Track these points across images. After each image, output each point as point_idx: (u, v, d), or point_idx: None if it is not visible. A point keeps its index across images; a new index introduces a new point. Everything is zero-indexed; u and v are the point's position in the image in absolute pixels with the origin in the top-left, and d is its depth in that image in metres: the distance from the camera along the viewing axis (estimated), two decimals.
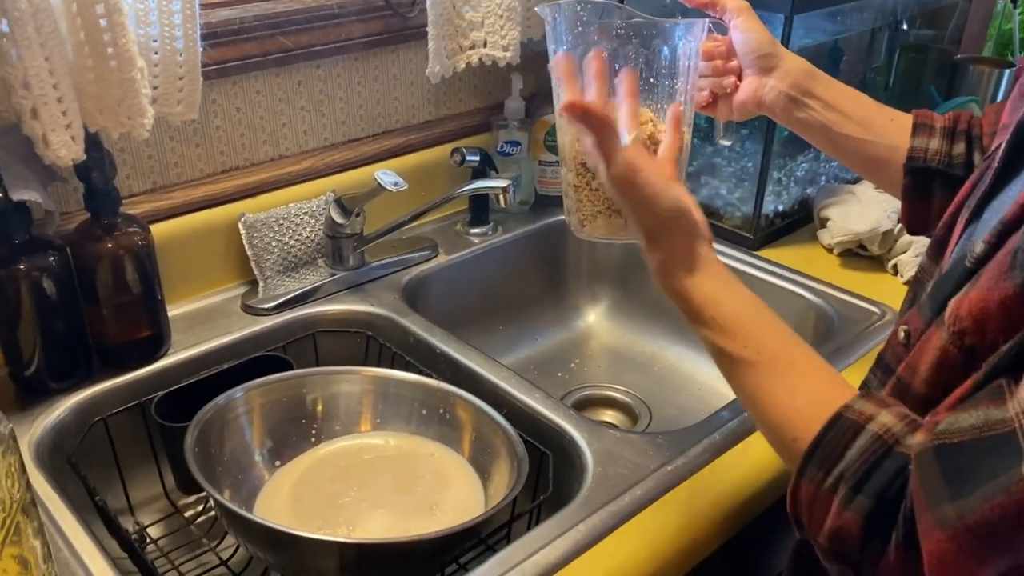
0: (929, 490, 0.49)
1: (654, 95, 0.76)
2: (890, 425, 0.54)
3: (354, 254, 1.11)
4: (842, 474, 0.54)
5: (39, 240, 0.86)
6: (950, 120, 0.80)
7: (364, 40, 1.13)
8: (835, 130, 0.81)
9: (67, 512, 0.74)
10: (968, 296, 0.54)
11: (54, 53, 0.78)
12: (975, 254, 0.55)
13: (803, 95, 0.81)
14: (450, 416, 0.89)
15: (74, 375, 0.91)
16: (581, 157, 0.76)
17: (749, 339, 0.62)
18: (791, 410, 0.59)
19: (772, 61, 0.81)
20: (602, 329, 1.32)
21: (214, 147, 1.06)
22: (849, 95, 0.82)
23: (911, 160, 0.79)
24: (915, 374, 0.59)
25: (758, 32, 0.81)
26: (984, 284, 0.52)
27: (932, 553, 0.49)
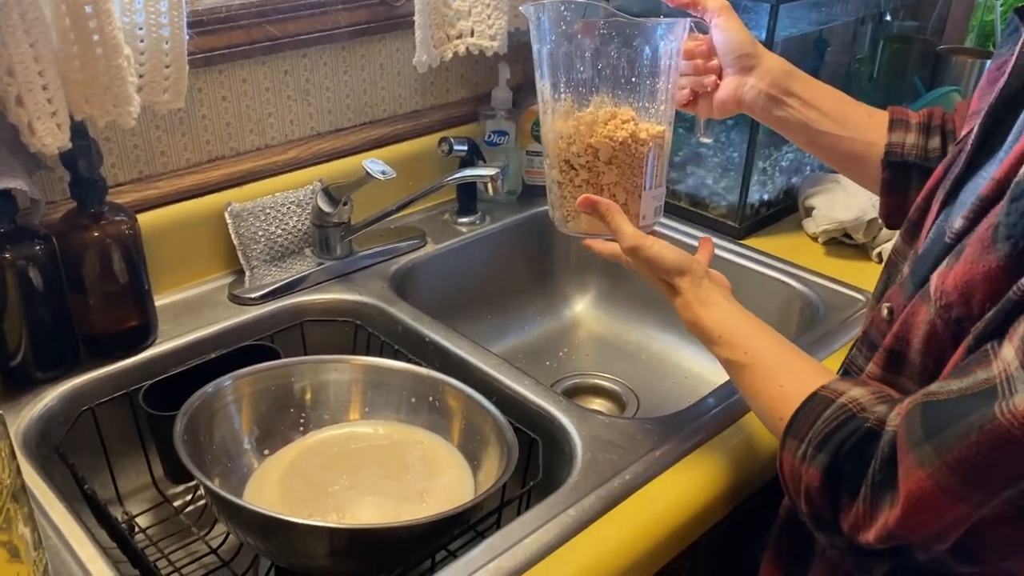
0: (911, 434, 0.53)
1: (636, 94, 0.79)
2: (857, 397, 0.60)
3: (341, 243, 1.11)
4: (811, 440, 0.60)
5: (25, 229, 0.85)
6: (925, 116, 0.83)
7: (351, 29, 1.13)
8: (814, 127, 0.83)
9: (56, 501, 0.74)
10: (953, 270, 0.56)
11: (39, 40, 0.78)
12: (954, 230, 0.59)
13: (782, 93, 0.83)
14: (439, 404, 0.89)
15: (61, 365, 0.90)
16: (565, 155, 0.79)
17: (746, 346, 0.71)
18: (779, 397, 0.66)
19: (752, 60, 0.83)
20: (590, 318, 1.32)
21: (200, 136, 1.06)
22: (827, 93, 0.84)
23: (889, 155, 0.82)
24: (908, 346, 0.62)
25: (738, 32, 0.82)
26: (968, 258, 0.55)
27: (912, 492, 0.53)
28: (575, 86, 0.79)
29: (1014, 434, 0.48)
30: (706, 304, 0.74)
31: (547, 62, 0.79)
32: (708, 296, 0.74)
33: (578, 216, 0.81)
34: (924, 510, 0.52)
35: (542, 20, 0.78)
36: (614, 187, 0.79)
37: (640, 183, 0.79)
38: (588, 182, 0.79)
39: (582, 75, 0.78)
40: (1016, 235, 0.51)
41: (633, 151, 0.78)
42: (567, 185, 0.80)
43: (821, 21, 1.31)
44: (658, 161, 0.80)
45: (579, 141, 0.78)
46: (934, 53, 1.51)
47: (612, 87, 0.79)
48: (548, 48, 0.78)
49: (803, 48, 1.38)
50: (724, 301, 0.74)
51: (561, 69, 0.79)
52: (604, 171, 0.78)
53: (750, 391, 0.71)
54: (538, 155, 1.31)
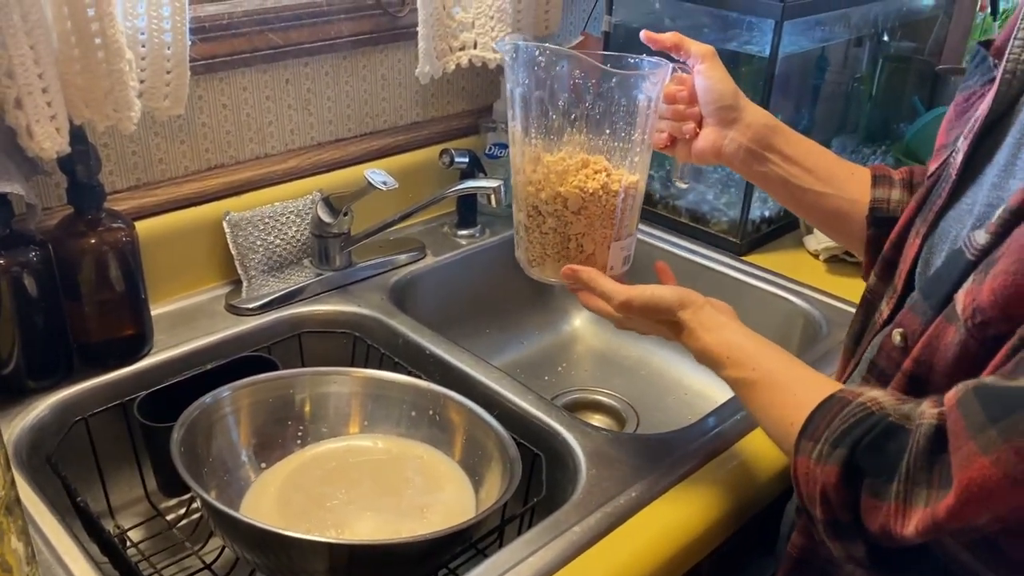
0: (971, 421, 0.51)
1: (611, 141, 0.76)
2: (876, 396, 0.58)
3: (341, 254, 1.10)
4: (827, 438, 0.58)
5: (20, 235, 0.84)
6: (906, 173, 0.82)
7: (353, 39, 1.12)
8: (795, 184, 0.81)
9: (47, 513, 0.72)
10: (986, 286, 0.54)
11: (40, 42, 0.76)
12: (979, 245, 0.57)
13: (764, 149, 0.81)
14: (440, 418, 0.87)
15: (54, 374, 0.88)
16: (534, 200, 0.77)
17: (756, 364, 0.69)
18: (792, 406, 0.64)
19: (733, 113, 0.80)
20: (588, 333, 1.31)
21: (199, 144, 1.05)
22: (810, 149, 0.82)
23: (874, 211, 0.80)
24: (932, 369, 0.60)
25: (721, 82, 0.79)
26: (1009, 269, 0.53)
27: (973, 481, 0.50)
28: (546, 132, 0.76)
29: None
30: (710, 329, 0.72)
31: (519, 104, 0.76)
32: (710, 320, 0.73)
33: (543, 262, 0.79)
34: (985, 498, 0.49)
35: (516, 61, 0.75)
36: (582, 237, 0.76)
37: (610, 234, 0.77)
38: (556, 230, 0.77)
39: (554, 122, 0.75)
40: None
41: (604, 202, 0.75)
42: (534, 231, 0.78)
43: (822, 39, 1.31)
44: (630, 211, 0.78)
45: (548, 188, 0.75)
46: (933, 73, 1.52)
47: (586, 132, 0.76)
48: (520, 91, 0.76)
49: (805, 66, 1.39)
50: (728, 323, 0.73)
51: (533, 113, 0.75)
52: (572, 221, 0.76)
53: (760, 406, 0.69)
54: None
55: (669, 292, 0.74)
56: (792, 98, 1.37)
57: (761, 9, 1.11)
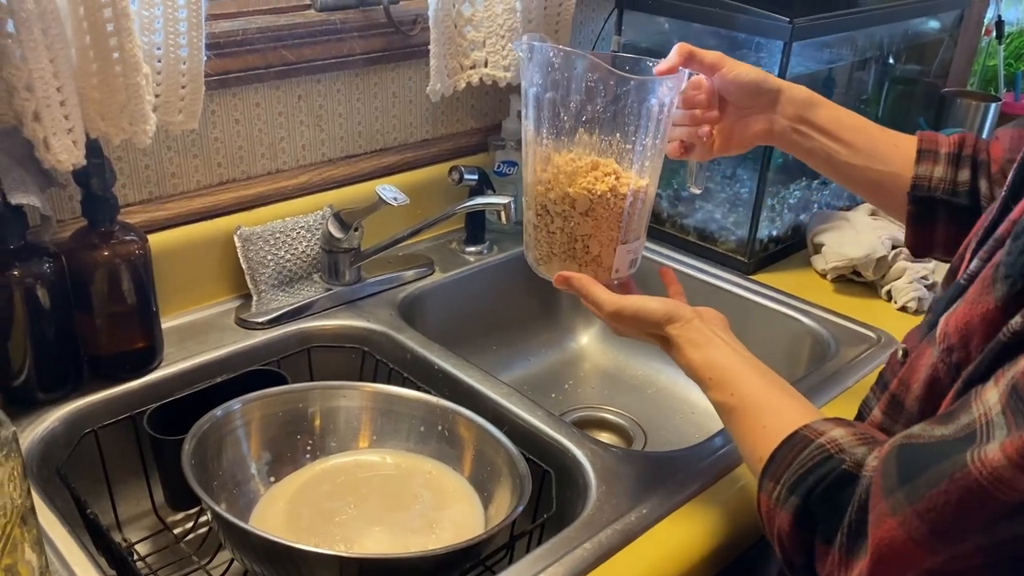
0: (886, 479, 0.51)
1: (622, 144, 0.76)
2: (837, 437, 0.58)
3: (350, 269, 1.10)
4: (785, 481, 0.58)
5: (34, 246, 0.84)
6: (955, 145, 0.80)
7: (365, 56, 1.13)
8: (838, 159, 0.81)
9: (58, 525, 0.72)
10: (955, 312, 0.55)
11: (59, 56, 0.77)
12: (969, 271, 0.57)
13: (806, 125, 0.81)
14: (450, 434, 0.87)
15: (64, 386, 0.88)
16: (543, 199, 0.77)
17: (734, 388, 0.68)
18: (761, 438, 0.64)
19: (773, 95, 0.81)
20: (595, 351, 1.31)
21: (212, 159, 1.05)
22: (852, 122, 0.82)
23: (915, 188, 0.80)
24: (908, 391, 0.60)
25: (751, 72, 0.80)
26: (969, 299, 0.54)
27: (883, 541, 0.50)
28: (557, 132, 0.76)
29: (983, 485, 0.45)
30: (698, 345, 0.71)
31: (532, 104, 0.77)
32: (698, 336, 0.71)
33: (550, 261, 0.79)
34: (894, 560, 0.49)
35: (531, 61, 0.76)
36: (589, 238, 0.77)
37: (616, 236, 0.77)
38: (563, 230, 0.77)
39: (566, 123, 0.76)
40: (1015, 274, 0.50)
41: (612, 204, 0.75)
42: (542, 229, 0.78)
43: (830, 61, 1.32)
44: (638, 215, 0.78)
45: (557, 188, 0.76)
46: (939, 95, 1.53)
47: (598, 135, 0.76)
48: (534, 91, 0.76)
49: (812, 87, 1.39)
50: (716, 339, 0.71)
51: (545, 114, 0.76)
52: (580, 222, 0.76)
53: (736, 433, 0.68)
54: None
55: (657, 305, 0.73)
56: None
57: (770, 30, 1.12)
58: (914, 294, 1.14)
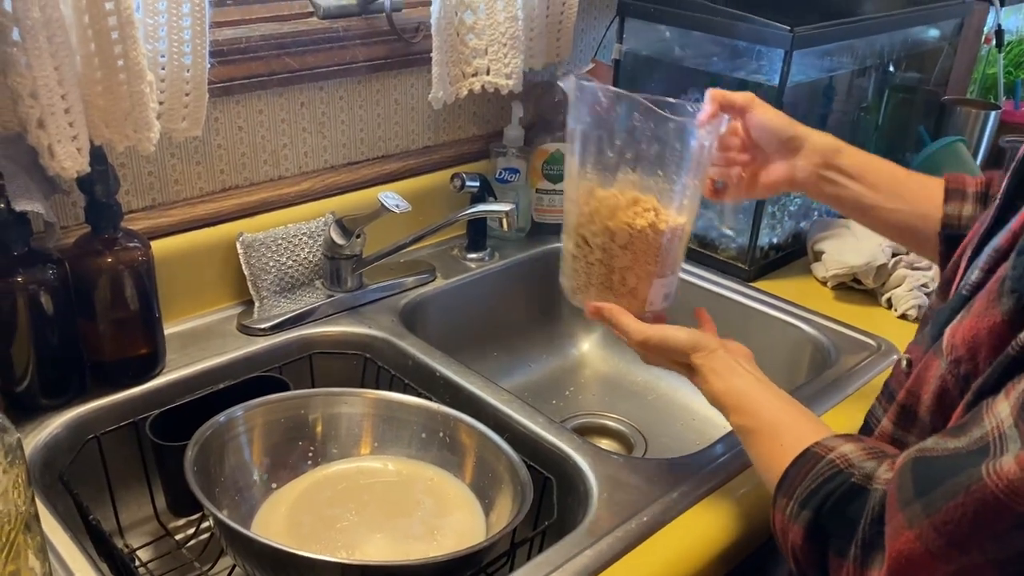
0: (902, 492, 0.52)
1: (663, 182, 0.79)
2: (846, 452, 0.60)
3: (352, 276, 1.10)
4: (797, 496, 0.60)
5: (38, 253, 0.85)
6: (982, 185, 0.81)
7: (368, 64, 1.14)
8: (866, 202, 0.83)
9: (60, 531, 0.72)
10: (962, 324, 0.56)
11: (64, 63, 0.78)
12: (971, 282, 0.59)
13: (832, 171, 0.83)
14: (451, 440, 0.88)
15: (67, 392, 0.89)
16: (583, 230, 0.80)
17: (754, 412, 0.71)
18: (778, 456, 0.66)
19: (796, 142, 0.83)
20: (596, 357, 1.32)
21: (215, 165, 1.06)
22: (878, 166, 0.84)
23: (945, 228, 0.80)
24: (919, 402, 0.61)
25: (777, 118, 0.83)
26: (976, 311, 0.55)
27: (900, 553, 0.51)
28: (601, 168, 0.79)
29: (999, 497, 0.46)
30: (721, 374, 0.74)
31: (579, 140, 0.80)
32: (723, 365, 0.74)
33: (587, 291, 0.82)
34: (911, 571, 0.51)
35: (579, 100, 0.79)
36: (626, 271, 0.79)
37: (653, 270, 0.79)
38: (601, 261, 0.79)
39: (610, 160, 0.79)
40: (1021, 289, 0.51)
41: (650, 239, 0.78)
42: (580, 260, 0.81)
43: (830, 69, 1.33)
44: (675, 251, 0.80)
45: (598, 221, 0.78)
46: (939, 103, 1.54)
47: (639, 172, 0.79)
48: (581, 128, 0.79)
49: (812, 95, 1.40)
50: (739, 368, 0.74)
51: (590, 150, 0.79)
52: (619, 254, 0.78)
53: (755, 455, 0.71)
54: (548, 193, 1.31)
55: (684, 335, 0.76)
56: None
57: (771, 39, 1.13)
58: (914, 302, 1.14)
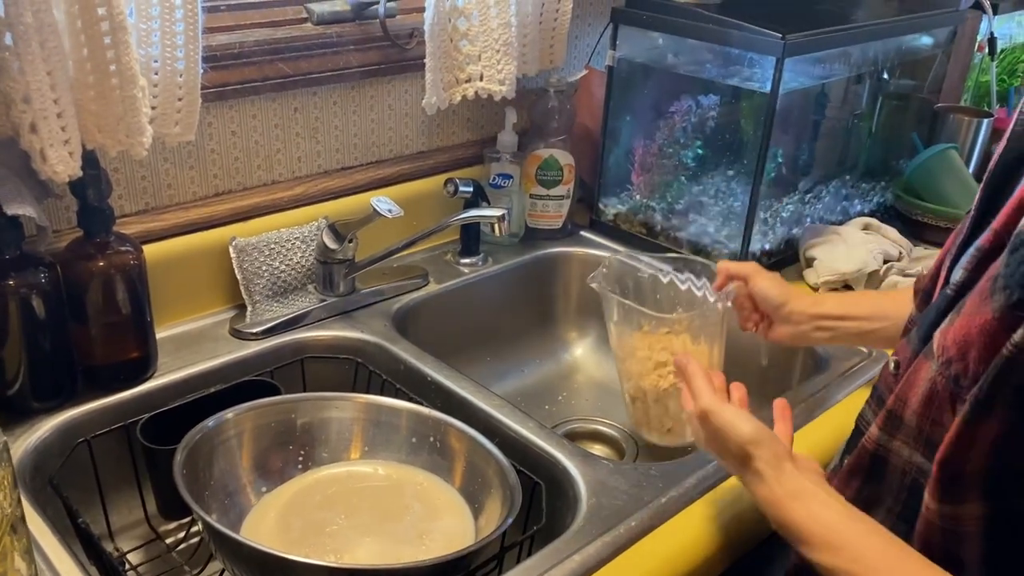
0: None
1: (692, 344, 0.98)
2: None
3: (345, 280, 1.11)
4: None
5: (30, 256, 0.85)
6: None
7: (362, 69, 1.14)
8: (862, 330, 0.92)
9: (49, 534, 0.73)
10: (953, 325, 0.56)
11: (56, 68, 0.78)
12: (955, 282, 0.59)
13: (822, 321, 0.93)
14: (441, 445, 0.88)
15: (58, 395, 0.89)
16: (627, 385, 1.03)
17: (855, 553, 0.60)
18: None
19: (786, 308, 0.94)
20: (589, 363, 1.32)
21: (208, 170, 1.06)
22: (855, 299, 1.00)
23: None
24: (906, 406, 0.61)
25: (770, 288, 0.95)
26: (967, 311, 0.55)
27: None
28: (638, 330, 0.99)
29: None
30: (796, 495, 0.64)
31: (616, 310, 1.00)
32: (793, 483, 0.65)
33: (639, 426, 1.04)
34: None
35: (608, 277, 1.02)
36: (663, 416, 0.99)
37: (683, 416, 0.94)
38: (642, 410, 1.01)
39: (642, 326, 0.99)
40: (1012, 285, 0.51)
41: (675, 395, 0.95)
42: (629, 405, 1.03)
43: (823, 76, 1.33)
44: None
45: (635, 379, 1.00)
46: (932, 111, 1.54)
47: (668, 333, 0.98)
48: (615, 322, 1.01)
49: (805, 102, 1.41)
50: (817, 491, 0.65)
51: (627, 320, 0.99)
52: (652, 405, 0.99)
53: None
54: (541, 199, 1.31)
55: (749, 427, 0.68)
56: (792, 133, 1.39)
57: (763, 46, 1.13)
58: None
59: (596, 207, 1.38)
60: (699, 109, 1.28)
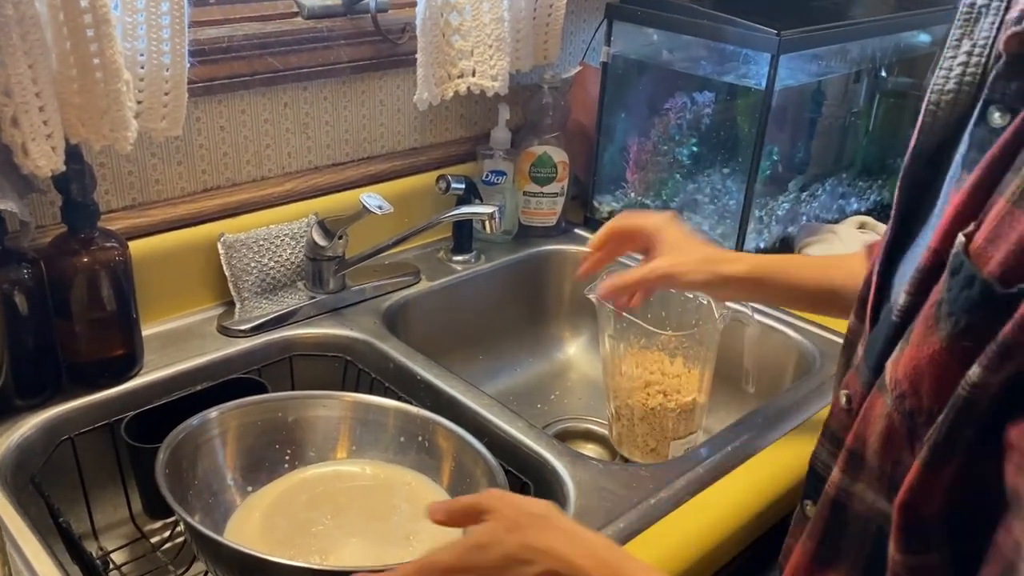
0: None
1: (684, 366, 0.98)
2: None
3: (335, 277, 1.10)
4: None
5: (13, 252, 0.84)
6: None
7: (352, 64, 1.13)
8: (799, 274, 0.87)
9: (29, 534, 0.71)
10: (903, 354, 0.52)
11: (38, 61, 0.77)
12: (900, 306, 0.54)
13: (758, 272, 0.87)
14: (429, 444, 0.87)
15: (42, 392, 0.88)
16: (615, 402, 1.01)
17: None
18: None
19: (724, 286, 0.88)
20: (582, 361, 1.31)
21: (196, 165, 1.05)
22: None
23: None
24: (866, 445, 0.56)
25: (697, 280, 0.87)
26: (915, 340, 0.51)
27: None
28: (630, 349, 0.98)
29: None
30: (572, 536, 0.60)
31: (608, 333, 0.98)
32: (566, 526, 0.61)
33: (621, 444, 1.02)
34: None
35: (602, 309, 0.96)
36: (647, 435, 0.98)
37: (668, 436, 0.98)
38: (627, 427, 1.00)
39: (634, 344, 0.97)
40: (957, 312, 0.47)
41: (661, 415, 0.96)
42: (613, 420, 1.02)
43: (819, 73, 1.32)
44: (685, 422, 0.98)
45: (622, 397, 0.99)
46: None
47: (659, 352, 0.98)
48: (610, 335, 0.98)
49: (801, 99, 1.40)
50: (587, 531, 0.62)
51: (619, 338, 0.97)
52: (638, 423, 0.98)
53: None
54: (535, 196, 1.30)
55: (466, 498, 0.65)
56: (788, 131, 1.38)
57: (758, 43, 1.12)
58: None
59: (590, 204, 1.37)
60: (694, 106, 1.27)
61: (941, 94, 0.56)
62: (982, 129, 0.52)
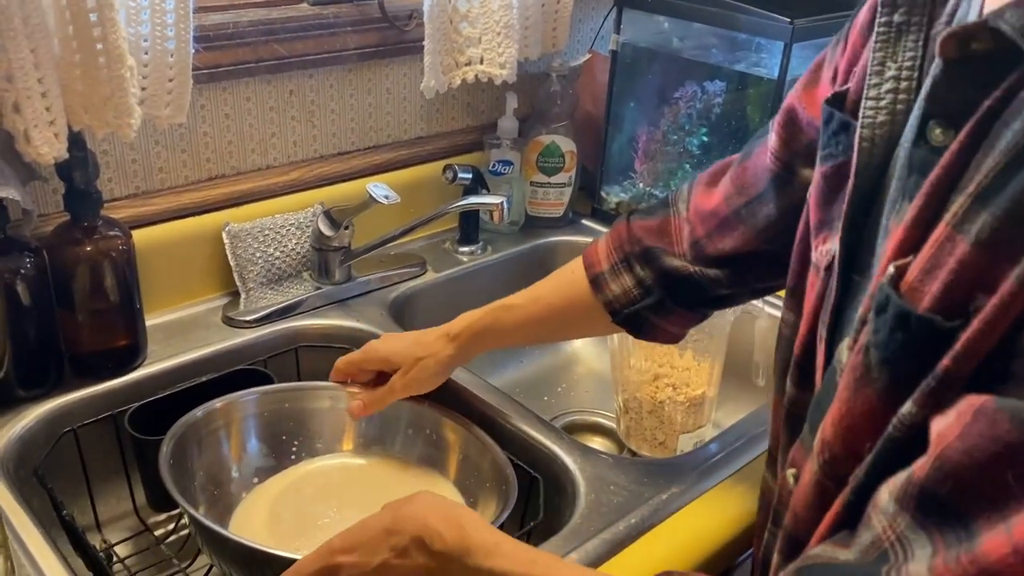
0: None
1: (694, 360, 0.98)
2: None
3: (340, 268, 1.08)
4: None
5: (15, 241, 0.82)
6: (614, 252, 0.78)
7: (359, 52, 1.11)
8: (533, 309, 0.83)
9: (32, 527, 0.70)
10: (830, 413, 0.46)
11: (40, 46, 0.75)
12: (843, 364, 0.48)
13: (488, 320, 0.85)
14: (436, 437, 0.86)
15: (44, 383, 0.87)
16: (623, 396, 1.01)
17: None
18: None
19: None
20: (589, 354, 1.30)
21: (200, 154, 1.04)
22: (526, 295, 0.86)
23: (615, 314, 0.77)
24: (797, 521, 0.50)
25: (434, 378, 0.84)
26: (842, 396, 0.45)
27: None
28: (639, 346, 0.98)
29: None
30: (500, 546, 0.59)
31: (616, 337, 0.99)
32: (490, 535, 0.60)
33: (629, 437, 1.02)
34: None
35: None
36: (655, 429, 0.98)
37: (676, 430, 0.97)
38: (635, 420, 1.00)
39: None
40: (890, 357, 0.42)
41: (669, 408, 0.96)
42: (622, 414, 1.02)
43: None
44: (694, 416, 0.97)
45: (631, 390, 0.98)
46: None
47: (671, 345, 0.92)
48: None
49: None
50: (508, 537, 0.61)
51: None
52: (647, 416, 0.98)
53: None
54: (542, 186, 1.29)
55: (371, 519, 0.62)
56: None
57: (770, 31, 1.10)
58: None
59: (598, 195, 1.36)
60: (704, 95, 1.26)
61: (873, 128, 0.50)
62: (922, 150, 0.46)
